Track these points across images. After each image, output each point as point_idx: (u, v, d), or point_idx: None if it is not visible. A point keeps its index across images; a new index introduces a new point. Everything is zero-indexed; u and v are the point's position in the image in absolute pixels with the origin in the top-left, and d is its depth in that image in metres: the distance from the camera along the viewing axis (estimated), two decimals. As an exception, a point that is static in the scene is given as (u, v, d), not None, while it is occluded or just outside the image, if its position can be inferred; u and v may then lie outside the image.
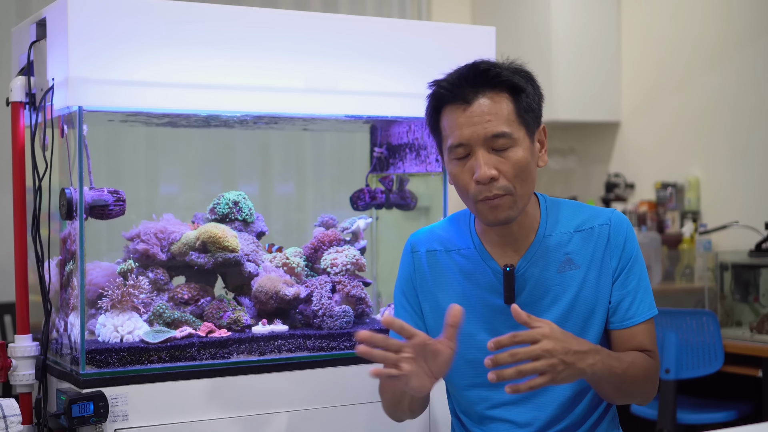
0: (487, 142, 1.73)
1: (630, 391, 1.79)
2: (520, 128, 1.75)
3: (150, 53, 2.10)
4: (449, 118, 1.77)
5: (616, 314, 1.82)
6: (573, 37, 4.92)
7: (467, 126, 1.73)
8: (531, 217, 1.83)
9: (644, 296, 1.82)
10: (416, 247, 1.93)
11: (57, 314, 2.20)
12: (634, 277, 1.82)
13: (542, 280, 1.81)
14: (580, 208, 1.87)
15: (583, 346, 1.64)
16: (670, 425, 3.43)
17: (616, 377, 1.71)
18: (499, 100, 1.74)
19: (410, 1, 5.17)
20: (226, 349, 2.17)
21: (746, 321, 3.71)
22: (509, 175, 1.73)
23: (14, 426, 1.98)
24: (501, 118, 1.73)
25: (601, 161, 5.20)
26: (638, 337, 1.81)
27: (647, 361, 1.80)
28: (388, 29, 2.41)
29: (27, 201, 2.21)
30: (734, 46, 4.46)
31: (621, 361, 1.73)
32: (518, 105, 1.75)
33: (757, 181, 4.34)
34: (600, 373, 1.67)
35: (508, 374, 1.57)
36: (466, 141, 1.73)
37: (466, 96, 1.74)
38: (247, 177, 4.54)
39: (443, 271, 1.88)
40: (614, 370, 1.70)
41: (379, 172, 2.78)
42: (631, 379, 1.75)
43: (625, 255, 1.82)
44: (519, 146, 1.74)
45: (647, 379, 1.80)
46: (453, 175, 1.78)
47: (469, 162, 1.75)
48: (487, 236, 1.85)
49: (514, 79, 1.75)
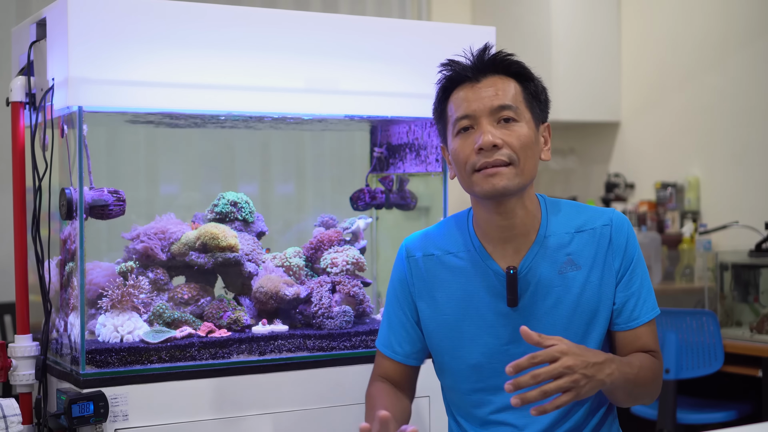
0: (492, 113, 1.75)
1: (640, 394, 1.80)
2: (525, 111, 1.78)
3: (150, 53, 2.10)
4: (457, 97, 1.79)
5: (622, 315, 1.81)
6: (573, 37, 4.92)
7: (474, 100, 1.76)
8: (532, 216, 1.82)
9: (647, 296, 1.82)
10: (412, 251, 1.90)
11: (57, 314, 2.20)
12: (638, 277, 1.82)
13: (544, 282, 1.80)
14: (580, 208, 1.87)
15: (599, 357, 1.65)
16: (670, 425, 3.43)
17: (629, 383, 1.72)
18: (507, 81, 1.78)
19: (410, 1, 5.17)
20: (226, 349, 2.17)
21: (746, 321, 3.71)
22: (514, 146, 1.74)
23: (14, 426, 1.98)
24: (508, 94, 1.77)
25: (601, 161, 5.20)
26: (642, 338, 1.81)
27: (653, 362, 1.80)
28: (388, 29, 2.41)
29: (27, 201, 2.21)
30: (734, 46, 4.46)
31: (632, 366, 1.73)
32: (525, 90, 1.79)
33: (757, 181, 4.33)
34: (617, 381, 1.68)
35: (533, 396, 1.56)
36: (472, 113, 1.75)
37: (476, 75, 1.78)
38: (247, 177, 4.53)
39: (442, 274, 1.86)
40: (628, 376, 1.71)
41: (379, 172, 2.78)
42: (642, 383, 1.76)
43: (627, 256, 1.82)
44: (524, 123, 1.77)
45: (655, 380, 1.81)
46: (454, 150, 1.78)
47: (473, 135, 1.76)
48: (486, 236, 1.83)
49: (523, 65, 1.81)
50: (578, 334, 1.78)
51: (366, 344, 2.29)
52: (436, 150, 2.53)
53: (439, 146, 2.49)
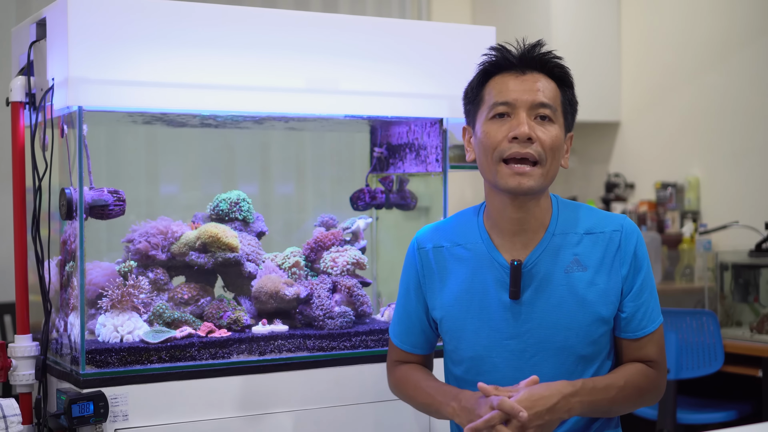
0: (532, 108, 1.77)
1: (625, 409, 1.83)
2: (560, 115, 1.81)
3: (150, 53, 2.10)
4: (498, 83, 1.81)
5: (631, 325, 1.82)
6: (573, 37, 4.92)
7: (517, 90, 1.78)
8: (544, 213, 1.83)
9: (655, 306, 1.84)
10: (422, 243, 1.93)
11: (57, 314, 2.20)
12: (646, 287, 1.83)
13: (548, 278, 1.81)
14: (593, 211, 1.87)
15: (552, 399, 1.69)
16: (670, 425, 3.43)
17: (602, 407, 1.77)
18: (550, 82, 1.82)
19: (410, 1, 5.17)
20: (226, 349, 2.17)
21: (746, 321, 3.71)
22: (546, 144, 1.77)
23: (14, 426, 1.98)
24: (549, 94, 1.80)
25: (601, 161, 5.20)
26: (646, 347, 1.83)
27: (643, 376, 1.82)
28: (388, 29, 2.41)
29: (27, 201, 2.21)
30: (734, 46, 4.46)
31: (608, 389, 1.77)
32: (564, 96, 1.83)
33: (757, 181, 4.33)
34: (581, 412, 1.74)
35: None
36: (513, 101, 1.78)
37: (521, 67, 1.81)
38: (247, 177, 4.53)
39: (450, 266, 1.88)
40: (598, 403, 1.75)
41: (379, 172, 2.78)
42: (622, 401, 1.79)
43: (636, 264, 1.82)
44: (558, 126, 1.80)
45: (644, 393, 1.82)
46: (486, 133, 1.79)
47: (508, 123, 1.78)
48: (496, 228, 1.85)
49: (568, 72, 1.85)
50: (580, 337, 1.79)
51: (366, 344, 2.29)
52: (435, 150, 2.53)
53: (439, 146, 2.49)
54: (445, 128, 2.46)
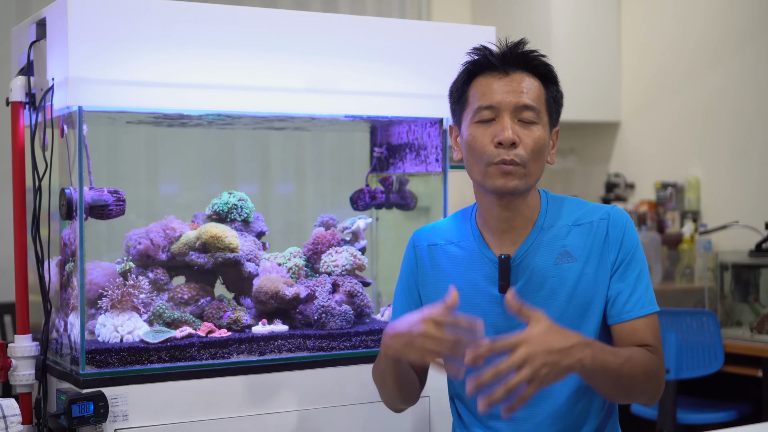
0: (516, 111, 1.77)
1: (630, 389, 1.75)
2: (545, 114, 1.81)
3: (150, 53, 2.10)
4: (482, 84, 1.80)
5: (614, 307, 1.80)
6: (573, 37, 4.92)
7: (501, 92, 1.78)
8: (532, 209, 1.84)
9: (644, 291, 1.81)
10: (418, 242, 1.95)
11: (57, 314, 2.20)
12: (633, 270, 1.81)
13: (539, 271, 1.81)
14: (581, 203, 1.88)
15: (569, 341, 1.61)
16: (670, 425, 3.43)
17: (610, 372, 1.68)
18: (534, 81, 1.81)
19: (410, 1, 5.17)
20: (226, 349, 2.17)
21: (746, 321, 3.71)
22: (528, 147, 1.77)
23: (14, 426, 1.98)
24: (533, 95, 1.79)
25: (601, 161, 5.20)
26: (639, 332, 1.79)
27: (647, 356, 1.76)
28: (388, 29, 2.41)
29: (27, 201, 2.21)
30: (734, 46, 4.46)
31: (617, 355, 1.69)
32: (548, 93, 1.83)
33: (757, 181, 4.34)
34: (591, 367, 1.63)
35: (498, 396, 1.55)
36: (497, 104, 1.77)
37: (505, 68, 1.80)
38: (247, 177, 4.54)
39: (443, 263, 1.90)
40: (608, 364, 1.66)
41: (379, 172, 2.78)
42: (628, 375, 1.71)
43: (624, 248, 1.81)
44: (541, 126, 1.80)
45: (648, 375, 1.76)
46: (472, 136, 1.79)
47: (492, 127, 1.78)
48: (486, 226, 1.86)
49: (551, 68, 1.84)
50: (573, 326, 1.77)
51: (366, 344, 2.29)
52: (436, 150, 2.53)
53: (439, 146, 2.49)
54: (445, 128, 2.46)
